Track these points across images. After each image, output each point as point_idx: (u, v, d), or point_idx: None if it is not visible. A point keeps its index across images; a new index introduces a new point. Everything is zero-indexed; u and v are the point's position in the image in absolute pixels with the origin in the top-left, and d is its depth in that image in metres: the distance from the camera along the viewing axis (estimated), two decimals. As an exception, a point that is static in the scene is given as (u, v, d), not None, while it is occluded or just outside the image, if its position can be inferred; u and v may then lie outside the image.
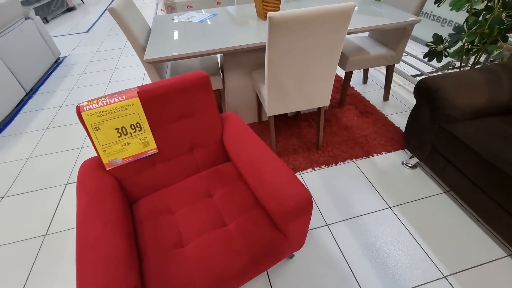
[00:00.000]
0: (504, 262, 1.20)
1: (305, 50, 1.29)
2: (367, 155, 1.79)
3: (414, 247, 1.28)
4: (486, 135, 1.21)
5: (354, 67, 1.99)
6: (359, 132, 1.98)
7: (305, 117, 2.15)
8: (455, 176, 1.32)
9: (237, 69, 1.83)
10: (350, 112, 2.18)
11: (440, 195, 1.51)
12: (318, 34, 1.23)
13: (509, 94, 1.33)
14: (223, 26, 1.76)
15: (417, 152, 1.54)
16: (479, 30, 1.57)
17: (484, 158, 1.15)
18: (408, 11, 1.84)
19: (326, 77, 1.45)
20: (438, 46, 1.81)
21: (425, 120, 1.42)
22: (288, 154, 1.83)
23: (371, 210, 1.46)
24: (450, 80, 1.34)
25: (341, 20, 1.20)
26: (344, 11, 1.17)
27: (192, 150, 1.20)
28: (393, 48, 2.00)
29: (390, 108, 2.22)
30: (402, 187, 1.57)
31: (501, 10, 1.47)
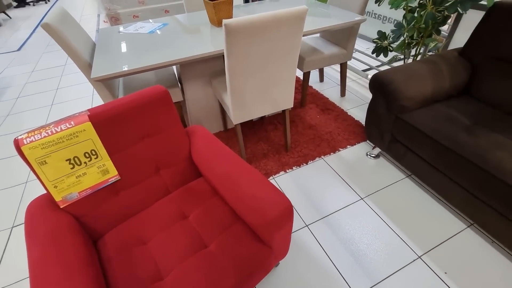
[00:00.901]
0: (466, 233, 1.32)
1: (265, 55, 1.28)
2: (334, 151, 1.85)
3: (388, 234, 1.35)
4: (435, 120, 1.32)
5: (311, 67, 2.05)
6: (323, 129, 2.04)
7: (270, 120, 2.16)
8: (415, 161, 1.42)
9: (196, 79, 1.77)
10: (312, 111, 2.24)
11: (404, 180, 1.61)
12: (275, 38, 1.23)
13: (449, 82, 1.48)
14: (176, 35, 1.68)
15: (379, 142, 1.63)
16: (416, 25, 1.72)
17: (436, 141, 1.25)
18: (353, 11, 1.95)
19: (287, 80, 1.47)
20: (383, 42, 1.94)
21: (382, 112, 1.51)
22: (259, 160, 1.81)
23: (345, 204, 1.50)
24: (399, 73, 1.45)
25: (296, 24, 1.22)
26: (297, 15, 1.19)
27: (158, 171, 1.11)
28: (344, 46, 2.11)
29: (348, 103, 2.33)
30: (369, 177, 1.65)
31: (433, 7, 1.63)
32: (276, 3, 2.24)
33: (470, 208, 1.22)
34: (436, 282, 1.16)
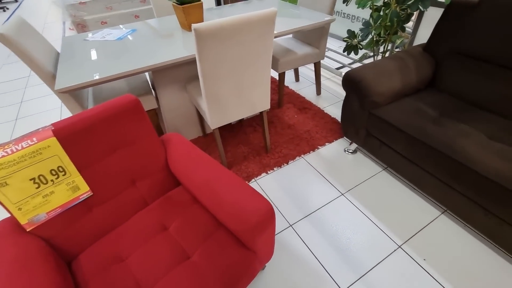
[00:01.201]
0: (441, 219, 1.39)
1: (237, 58, 1.27)
2: (313, 149, 1.88)
3: (369, 226, 1.39)
4: (405, 114, 1.38)
5: (285, 68, 2.07)
6: (302, 128, 2.07)
7: (249, 122, 2.16)
8: (389, 154, 1.48)
9: (170, 85, 1.73)
10: (289, 111, 2.26)
11: (381, 173, 1.67)
12: (247, 41, 1.23)
13: (416, 77, 1.55)
14: (147, 41, 1.64)
15: (355, 138, 1.68)
16: (382, 24, 1.79)
17: (407, 134, 1.31)
18: (323, 12, 1.99)
19: (262, 82, 1.47)
20: (353, 40, 2.00)
21: (355, 108, 1.55)
22: (240, 163, 1.80)
23: (327, 201, 1.53)
24: (369, 70, 1.49)
25: (266, 26, 1.22)
26: (267, 17, 1.20)
27: (134, 183, 1.07)
28: (316, 46, 2.15)
29: (324, 101, 2.38)
30: (348, 173, 1.69)
31: (396, 5, 1.70)
32: (248, 6, 2.24)
33: (442, 196, 1.28)
34: (416, 270, 1.21)
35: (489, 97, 1.39)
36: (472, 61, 1.46)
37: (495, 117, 1.34)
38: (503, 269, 1.18)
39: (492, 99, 1.37)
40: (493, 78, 1.38)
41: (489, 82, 1.39)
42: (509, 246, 1.10)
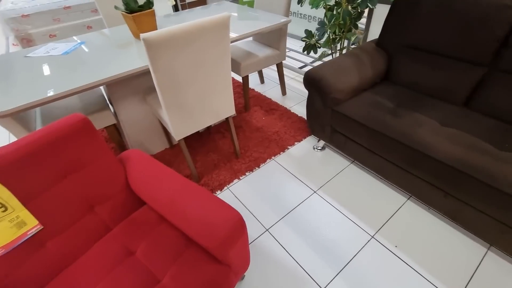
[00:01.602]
0: (407, 205, 1.45)
1: (194, 66, 1.23)
2: (283, 150, 1.89)
3: (343, 220, 1.41)
4: (365, 108, 1.43)
5: (248, 71, 2.06)
6: (270, 129, 2.07)
7: (216, 129, 2.11)
8: (354, 148, 1.52)
9: (128, 98, 1.64)
10: (257, 113, 2.26)
11: (349, 166, 1.72)
12: (202, 48, 1.20)
13: (372, 71, 1.61)
14: (98, 53, 1.54)
15: (321, 135, 1.71)
16: (336, 22, 1.85)
17: (368, 127, 1.35)
18: (279, 13, 2.02)
19: (224, 88, 1.44)
20: (311, 40, 2.05)
21: (319, 106, 1.58)
22: (211, 172, 1.75)
23: (301, 200, 1.53)
24: (328, 68, 1.53)
25: (221, 31, 1.20)
26: (221, 22, 1.17)
27: (92, 208, 0.99)
28: (277, 47, 2.17)
29: (290, 101, 2.41)
30: (319, 170, 1.71)
31: (347, 4, 1.77)
32: (206, 10, 2.21)
33: (405, 183, 1.34)
34: (390, 257, 1.25)
35: (437, 85, 1.48)
36: (420, 53, 1.55)
37: (445, 104, 1.44)
38: (466, 245, 1.26)
39: (440, 88, 1.47)
40: (439, 68, 1.47)
41: (436, 72, 1.48)
42: (467, 223, 1.17)
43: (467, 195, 1.10)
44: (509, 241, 1.06)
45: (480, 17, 1.29)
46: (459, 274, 1.17)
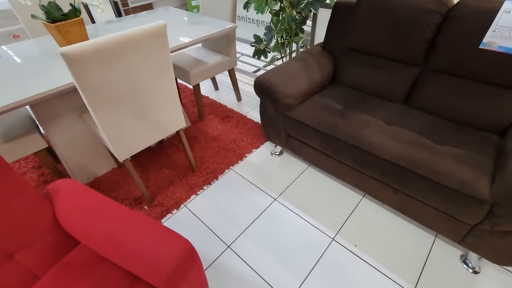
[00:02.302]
0: (362, 204, 1.50)
1: (131, 80, 1.12)
2: (241, 158, 1.84)
3: (304, 226, 1.41)
4: (315, 112, 1.44)
5: (198, 80, 1.97)
6: (227, 138, 2.01)
7: (170, 142, 1.99)
8: (309, 152, 1.53)
9: (61, 117, 1.45)
10: (212, 122, 2.18)
11: (307, 169, 1.73)
12: (137, 60, 1.09)
13: (320, 74, 1.64)
14: (20, 68, 1.33)
15: (277, 140, 1.70)
16: (283, 27, 1.86)
17: (319, 131, 1.36)
18: (225, 19, 1.97)
19: (169, 101, 1.34)
20: (260, 45, 2.03)
21: (271, 112, 1.57)
22: (165, 189, 1.63)
23: (261, 210, 1.50)
24: (277, 74, 1.52)
25: (157, 41, 1.11)
26: (156, 31, 1.08)
27: (12, 257, 0.83)
28: (227, 53, 2.12)
29: (246, 106, 2.37)
30: (278, 176, 1.70)
31: (290, 9, 1.78)
32: (153, 15, 2.08)
33: (358, 182, 1.38)
34: (351, 258, 1.27)
35: (379, 85, 1.56)
36: (361, 55, 1.62)
37: (387, 102, 1.51)
38: (417, 236, 1.34)
39: (382, 87, 1.55)
40: (379, 69, 1.55)
41: (377, 72, 1.56)
42: (415, 216, 1.24)
43: (413, 190, 1.15)
44: (451, 229, 1.14)
45: (410, 20, 1.38)
46: (413, 264, 1.23)
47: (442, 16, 1.32)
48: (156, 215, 1.49)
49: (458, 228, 1.12)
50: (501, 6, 1.15)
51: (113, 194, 1.61)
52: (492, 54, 1.20)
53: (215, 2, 2.03)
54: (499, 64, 1.20)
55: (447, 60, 1.35)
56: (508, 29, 1.14)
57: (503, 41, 1.16)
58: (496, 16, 1.16)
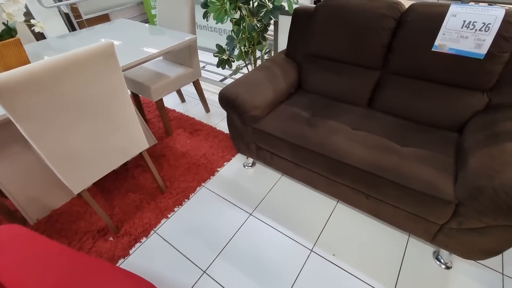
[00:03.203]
0: (338, 210, 1.50)
1: (77, 107, 1.02)
2: (212, 173, 1.77)
3: (281, 239, 1.37)
4: (283, 122, 1.42)
5: (161, 95, 1.88)
6: (197, 153, 1.92)
7: (135, 162, 1.87)
8: (280, 162, 1.50)
9: (2, 149, 1.29)
10: (181, 137, 2.08)
11: (281, 179, 1.70)
12: (85, 84, 0.99)
13: (285, 82, 1.62)
14: None
15: (248, 153, 1.65)
16: (244, 36, 1.83)
17: (288, 142, 1.34)
18: (185, 31, 1.89)
19: (126, 123, 1.24)
20: (223, 54, 1.98)
21: (239, 125, 1.52)
22: (133, 216, 1.52)
23: (237, 227, 1.44)
24: (242, 85, 1.47)
25: (105, 61, 1.02)
26: (102, 52, 0.99)
27: None
28: (189, 65, 2.04)
29: (215, 117, 2.31)
30: (252, 189, 1.65)
31: (250, 18, 1.75)
32: (110, 27, 1.95)
33: (331, 190, 1.37)
34: (330, 268, 1.25)
35: (343, 90, 1.57)
36: (324, 62, 1.63)
37: (352, 107, 1.53)
38: (391, 238, 1.35)
39: (346, 92, 1.57)
40: (342, 74, 1.57)
41: (340, 78, 1.57)
42: (388, 219, 1.25)
43: (383, 195, 1.16)
44: (422, 229, 1.16)
45: (366, 26, 1.40)
46: (391, 266, 1.24)
47: (395, 21, 1.36)
48: (123, 246, 1.37)
49: (428, 228, 1.14)
50: (447, 10, 1.21)
51: (74, 227, 1.47)
52: (444, 56, 1.25)
53: (172, 14, 1.95)
54: (451, 65, 1.25)
55: (404, 63, 1.39)
56: (456, 32, 1.20)
57: (453, 43, 1.21)
58: (444, 20, 1.21)
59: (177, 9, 1.90)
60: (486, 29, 1.14)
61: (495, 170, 0.92)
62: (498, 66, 1.18)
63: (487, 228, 0.98)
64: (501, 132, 1.07)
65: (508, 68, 1.19)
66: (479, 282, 1.17)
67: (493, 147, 1.02)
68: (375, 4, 1.39)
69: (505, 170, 0.90)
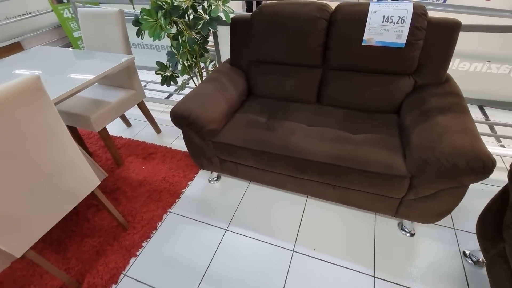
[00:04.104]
0: (309, 205, 1.55)
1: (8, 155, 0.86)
2: (177, 196, 1.67)
3: (262, 247, 1.36)
4: (242, 130, 1.41)
5: (103, 123, 1.71)
6: (156, 178, 1.80)
7: (86, 202, 1.66)
8: (247, 171, 1.49)
9: None
10: (134, 165, 1.93)
11: (249, 188, 1.69)
12: (11, 128, 0.84)
13: (235, 92, 1.62)
14: None
15: (212, 167, 1.60)
16: (185, 50, 1.78)
17: (250, 149, 1.34)
18: (119, 52, 1.77)
19: (69, 161, 1.10)
20: (166, 71, 1.90)
21: (198, 142, 1.47)
22: (95, 264, 1.34)
23: (215, 247, 1.38)
24: (193, 100, 1.43)
25: (32, 99, 0.88)
26: (26, 88, 0.85)
27: None
28: (130, 87, 1.90)
29: (168, 137, 2.19)
30: (222, 203, 1.60)
31: (189, 31, 1.72)
32: (25, 57, 1.68)
33: (300, 187, 1.41)
34: (314, 263, 1.28)
35: (293, 90, 1.64)
36: (269, 66, 1.68)
37: (304, 105, 1.60)
38: (361, 220, 1.45)
39: (295, 92, 1.64)
40: (289, 76, 1.63)
41: (287, 79, 1.64)
42: (356, 204, 1.34)
43: (348, 182, 1.23)
44: (386, 206, 1.26)
45: (302, 28, 1.49)
46: (366, 247, 1.32)
47: (327, 21, 1.47)
48: (89, 301, 1.20)
49: (391, 204, 1.25)
50: (368, 8, 1.35)
51: (21, 296, 1.24)
52: (373, 48, 1.40)
53: (101, 35, 1.80)
54: (380, 56, 1.40)
55: (341, 58, 1.51)
56: (379, 26, 1.35)
57: (378, 36, 1.36)
58: (367, 17, 1.35)
59: (106, 29, 1.76)
60: (401, 21, 1.31)
61: (434, 142, 1.05)
62: (416, 52, 1.36)
63: (438, 193, 1.11)
64: (430, 108, 1.24)
65: (424, 53, 1.38)
66: (439, 240, 1.33)
67: (427, 122, 1.17)
68: (306, 8, 1.48)
69: (442, 141, 1.04)
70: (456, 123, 1.10)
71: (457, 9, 1.47)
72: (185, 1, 1.60)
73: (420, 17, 1.30)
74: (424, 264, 1.24)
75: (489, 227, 1.06)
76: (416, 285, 1.17)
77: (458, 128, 1.07)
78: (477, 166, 0.93)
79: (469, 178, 0.98)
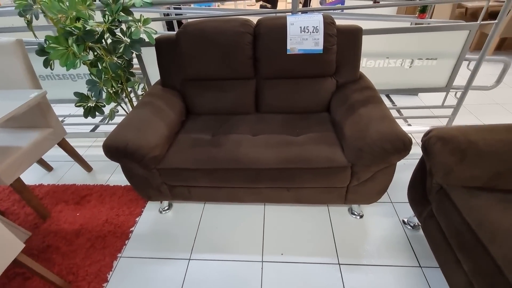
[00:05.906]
0: (268, 212, 1.57)
1: None
2: (126, 237, 1.49)
3: (231, 267, 1.31)
4: (188, 151, 1.35)
5: (15, 174, 1.42)
6: (96, 222, 1.58)
7: (6, 274, 1.34)
8: (200, 192, 1.43)
9: None
10: (65, 213, 1.65)
11: (205, 209, 1.63)
12: None
13: (173, 113, 1.56)
14: None
15: (161, 197, 1.49)
16: (108, 76, 1.63)
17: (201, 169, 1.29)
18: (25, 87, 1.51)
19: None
20: (88, 102, 1.71)
21: (141, 172, 1.35)
22: None
23: (180, 281, 1.27)
24: (128, 128, 1.31)
25: None
26: None
27: None
28: (45, 125, 1.64)
29: (102, 174, 1.96)
30: (179, 232, 1.50)
31: (110, 56, 1.59)
32: None
33: (256, 197, 1.42)
34: (285, 268, 1.29)
35: (231, 104, 1.66)
36: (204, 83, 1.67)
37: (245, 116, 1.63)
38: (318, 215, 1.54)
39: (234, 105, 1.66)
40: (225, 90, 1.65)
41: (225, 93, 1.65)
42: (309, 200, 1.42)
43: (299, 182, 1.30)
44: (335, 196, 1.37)
45: (230, 43, 1.53)
46: (327, 238, 1.41)
47: (251, 35, 1.55)
48: None
49: (339, 193, 1.36)
50: (286, 21, 1.48)
51: None
52: (297, 56, 1.53)
53: (-3, 69, 1.52)
54: (304, 62, 1.54)
55: (270, 68, 1.60)
56: (298, 36, 1.48)
57: (299, 45, 1.50)
58: (287, 29, 1.48)
59: (4, 63, 1.50)
60: (316, 30, 1.47)
61: (363, 132, 1.19)
62: (333, 55, 1.54)
63: (374, 175, 1.26)
64: (353, 103, 1.41)
65: (338, 56, 1.57)
66: (382, 215, 1.50)
67: (354, 116, 1.33)
68: (230, 24, 1.54)
69: (368, 129, 1.19)
70: (376, 112, 1.27)
71: (356, 17, 1.74)
72: (99, 25, 1.48)
73: (330, 25, 1.48)
74: (377, 240, 1.39)
75: (417, 194, 1.25)
76: (374, 261, 1.30)
77: (378, 116, 1.24)
78: (399, 146, 1.10)
79: (396, 156, 1.14)
